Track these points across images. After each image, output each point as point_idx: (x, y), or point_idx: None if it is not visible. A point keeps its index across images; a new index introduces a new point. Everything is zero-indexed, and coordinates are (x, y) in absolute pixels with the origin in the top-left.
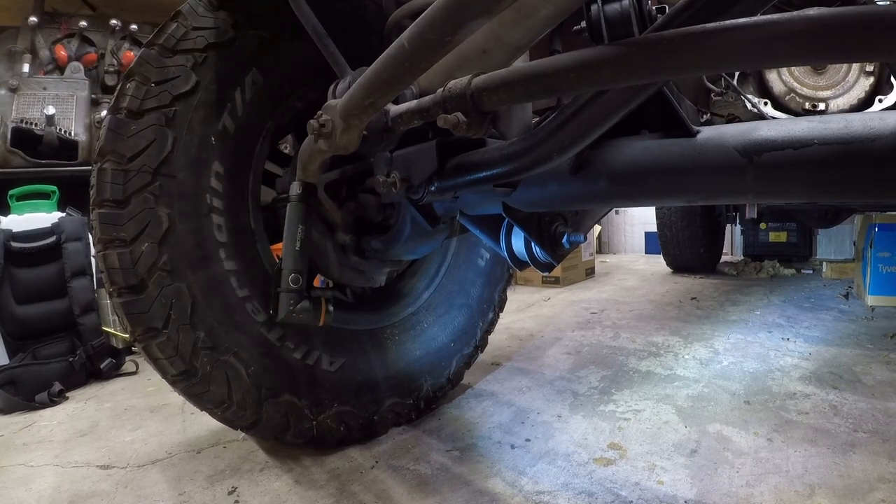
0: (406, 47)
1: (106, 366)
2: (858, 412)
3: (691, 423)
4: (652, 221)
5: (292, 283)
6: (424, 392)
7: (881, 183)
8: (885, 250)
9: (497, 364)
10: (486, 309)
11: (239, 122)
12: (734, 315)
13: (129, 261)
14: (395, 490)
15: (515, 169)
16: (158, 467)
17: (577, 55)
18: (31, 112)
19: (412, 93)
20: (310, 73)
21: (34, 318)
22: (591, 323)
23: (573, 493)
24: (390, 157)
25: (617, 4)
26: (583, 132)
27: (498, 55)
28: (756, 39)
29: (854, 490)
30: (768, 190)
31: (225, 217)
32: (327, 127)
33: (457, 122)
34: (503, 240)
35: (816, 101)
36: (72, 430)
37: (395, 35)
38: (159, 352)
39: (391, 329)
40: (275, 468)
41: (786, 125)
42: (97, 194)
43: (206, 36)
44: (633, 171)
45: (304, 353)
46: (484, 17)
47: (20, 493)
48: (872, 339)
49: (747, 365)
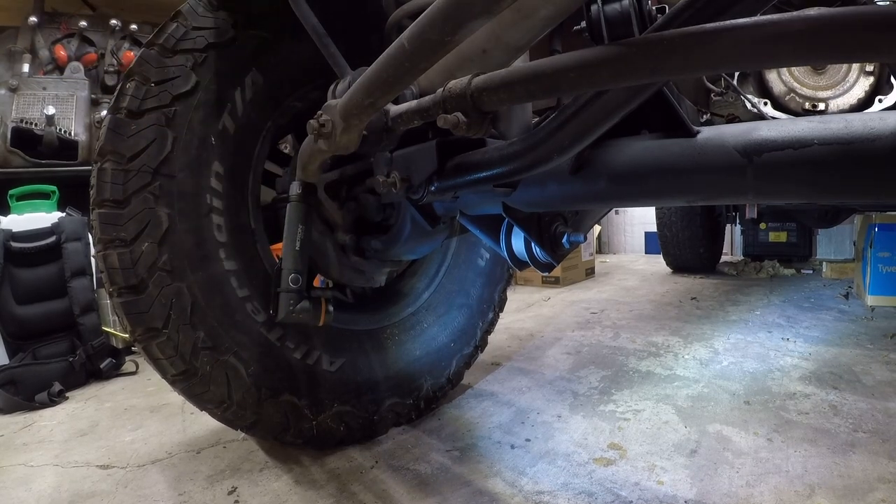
0: (406, 47)
1: (106, 366)
2: (858, 412)
3: (691, 424)
4: (652, 221)
5: (292, 283)
6: (424, 392)
7: (881, 183)
8: (885, 250)
9: (497, 364)
10: (486, 309)
11: (239, 122)
12: (734, 315)
13: (129, 261)
14: (395, 490)
15: (515, 169)
16: (158, 467)
17: (577, 55)
18: (31, 112)
19: (412, 93)
20: (310, 73)
21: (34, 318)
22: (591, 323)
23: (573, 493)
24: (390, 157)
25: (617, 4)
26: (583, 132)
27: (498, 55)
28: (756, 39)
29: (854, 490)
30: (768, 190)
31: (225, 217)
32: (327, 127)
33: (457, 122)
34: (503, 240)
35: (816, 101)
36: (72, 430)
37: (395, 35)
38: (159, 352)
39: (391, 329)
40: (275, 468)
41: (786, 125)
42: (97, 194)
43: (206, 36)
44: (633, 171)
45: (304, 353)
46: (484, 17)
47: (20, 492)
48: (872, 339)
49: (747, 365)
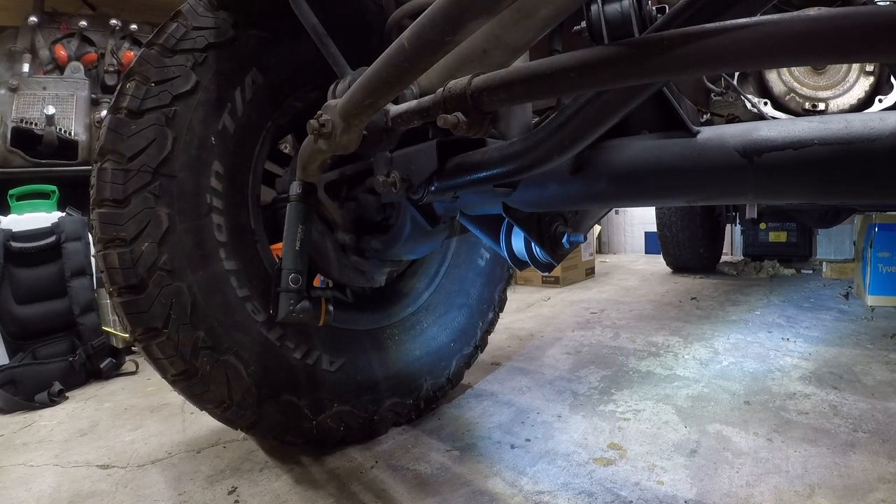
0: (406, 47)
1: (106, 365)
2: (858, 412)
3: (691, 424)
4: (652, 221)
5: (292, 283)
6: (424, 392)
7: (881, 183)
8: (885, 250)
9: (497, 364)
10: (486, 309)
11: (239, 121)
12: (734, 315)
13: (129, 260)
14: (395, 490)
15: (515, 169)
16: (158, 467)
17: (577, 55)
18: (31, 112)
19: (412, 93)
20: (310, 73)
21: (34, 318)
22: (591, 323)
23: (573, 493)
24: (390, 156)
25: (617, 5)
26: (583, 132)
27: (498, 55)
28: (756, 39)
29: (854, 490)
30: (768, 190)
31: (225, 217)
32: (327, 127)
33: (457, 122)
34: (503, 240)
35: (816, 101)
36: (72, 430)
37: (395, 35)
38: (159, 351)
39: (391, 329)
40: (275, 468)
41: (786, 125)
42: (97, 194)
43: (206, 36)
44: (634, 172)
45: (304, 352)
46: (484, 17)
47: (20, 492)
48: (872, 339)
49: (747, 365)
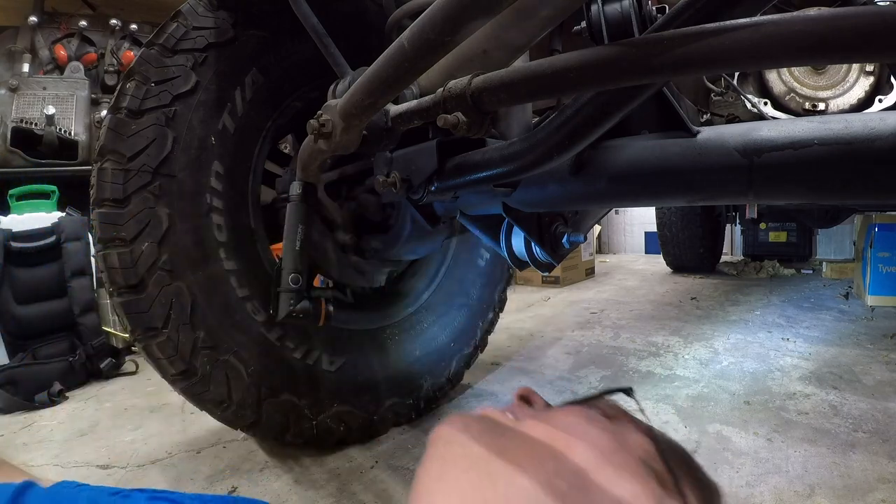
0: (406, 47)
1: (106, 365)
2: (858, 412)
3: (691, 423)
4: (652, 221)
5: (292, 283)
6: (424, 392)
7: (881, 183)
8: (885, 250)
9: (497, 364)
10: (486, 309)
11: (239, 121)
12: (734, 315)
13: (129, 260)
14: (395, 490)
15: (515, 169)
16: (158, 467)
17: (577, 55)
18: (31, 112)
19: (412, 93)
20: (310, 73)
21: (34, 318)
22: (591, 323)
23: None
24: (390, 156)
25: (617, 5)
26: (583, 132)
27: (498, 55)
28: (756, 39)
29: (854, 490)
30: (768, 190)
31: (225, 217)
32: (327, 127)
33: (457, 122)
34: (503, 240)
35: (816, 101)
36: (72, 430)
37: (395, 35)
38: (159, 351)
39: (391, 329)
40: (275, 468)
41: (786, 125)
42: (97, 194)
43: (206, 36)
44: (633, 172)
45: (304, 352)
46: (484, 17)
47: None
48: (872, 339)
49: (747, 365)
